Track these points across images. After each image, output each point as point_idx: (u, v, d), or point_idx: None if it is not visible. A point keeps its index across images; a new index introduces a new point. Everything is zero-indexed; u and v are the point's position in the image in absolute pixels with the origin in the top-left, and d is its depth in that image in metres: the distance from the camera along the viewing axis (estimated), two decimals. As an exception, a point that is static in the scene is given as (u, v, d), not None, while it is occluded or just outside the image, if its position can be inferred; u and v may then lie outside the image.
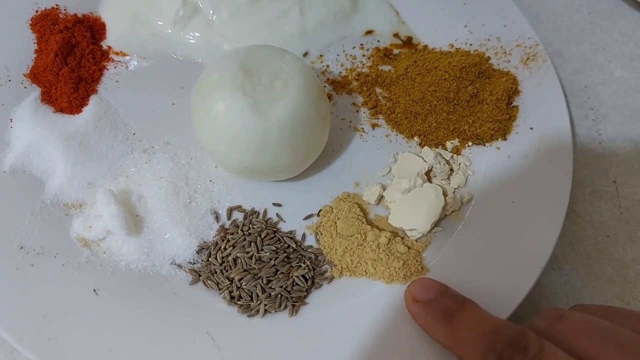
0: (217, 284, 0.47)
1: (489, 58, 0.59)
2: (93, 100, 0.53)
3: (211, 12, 0.58)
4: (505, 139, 0.54)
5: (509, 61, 0.58)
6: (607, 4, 0.69)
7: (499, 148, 0.54)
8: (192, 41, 0.58)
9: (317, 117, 0.48)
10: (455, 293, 0.41)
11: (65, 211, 0.48)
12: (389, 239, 0.48)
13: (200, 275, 0.47)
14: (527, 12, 0.63)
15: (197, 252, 0.48)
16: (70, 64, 0.54)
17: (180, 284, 0.47)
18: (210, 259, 0.48)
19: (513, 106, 0.56)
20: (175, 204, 0.49)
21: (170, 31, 0.57)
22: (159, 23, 0.57)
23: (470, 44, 0.60)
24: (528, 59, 0.58)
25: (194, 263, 0.48)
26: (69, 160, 0.49)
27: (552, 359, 0.33)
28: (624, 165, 0.58)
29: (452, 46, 0.60)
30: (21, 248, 0.45)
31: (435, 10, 0.62)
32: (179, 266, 0.48)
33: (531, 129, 0.54)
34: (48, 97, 0.52)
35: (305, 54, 0.59)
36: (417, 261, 0.48)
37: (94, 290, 0.45)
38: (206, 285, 0.47)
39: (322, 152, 0.53)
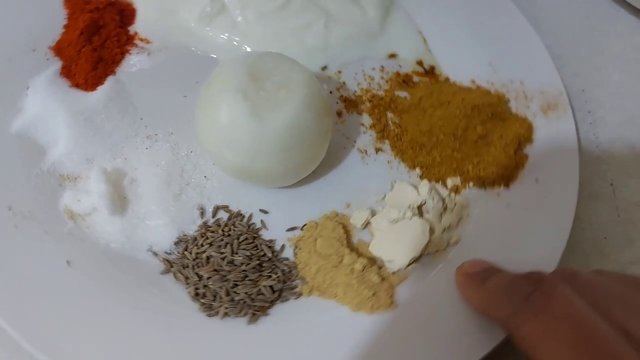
0: (186, 278, 0.47)
1: (508, 100, 0.57)
2: (109, 80, 0.55)
3: (238, 12, 0.58)
4: (508, 187, 0.53)
5: (528, 106, 0.57)
6: (604, 7, 0.70)
7: (499, 195, 0.53)
8: (214, 38, 0.59)
9: (316, 132, 0.48)
10: (494, 267, 0.43)
11: (59, 182, 0.50)
12: (364, 267, 0.48)
13: (172, 267, 0.48)
14: (525, 16, 0.63)
15: (175, 244, 0.49)
16: (94, 43, 0.55)
17: (151, 271, 0.48)
18: (185, 252, 0.48)
19: (523, 154, 0.54)
20: (165, 193, 0.50)
21: (194, 25, 0.58)
22: (186, 16, 0.58)
23: (492, 83, 0.58)
24: (549, 107, 0.56)
25: (170, 254, 0.49)
26: (73, 134, 0.51)
27: (563, 298, 0.33)
28: (622, 168, 0.58)
29: (474, 82, 0.59)
30: (9, 209, 0.47)
31: (462, 43, 0.61)
32: (155, 254, 0.48)
33: (536, 181, 0.53)
34: (67, 72, 0.54)
35: (324, 68, 0.59)
36: (387, 294, 0.47)
37: (67, 262, 0.46)
38: (175, 277, 0.47)
39: (319, 168, 0.53)
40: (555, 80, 0.58)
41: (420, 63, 0.61)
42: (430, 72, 0.60)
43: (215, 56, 0.59)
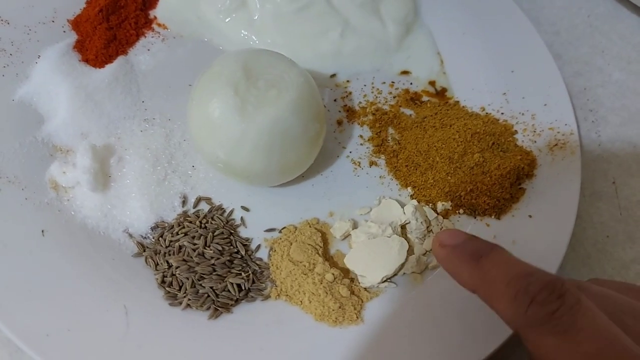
0: (156, 264, 0.47)
1: (515, 132, 0.55)
2: (119, 60, 0.56)
3: (256, 10, 0.59)
4: (499, 219, 0.51)
5: (535, 141, 0.55)
6: (605, 7, 0.70)
7: (488, 225, 0.51)
8: (230, 33, 0.59)
9: (302, 136, 0.47)
10: (484, 240, 0.37)
11: (51, 152, 0.51)
12: (335, 278, 0.47)
13: (144, 251, 0.48)
14: (528, 15, 0.63)
15: (152, 229, 0.49)
16: (111, 22, 0.56)
17: (124, 252, 0.48)
18: (160, 238, 0.48)
19: (520, 188, 0.52)
20: (149, 177, 0.50)
21: (212, 18, 0.59)
22: (206, 8, 0.59)
23: (502, 113, 0.57)
24: (556, 145, 0.54)
25: (145, 238, 0.49)
26: (72, 107, 0.52)
27: (590, 314, 0.31)
28: (623, 167, 0.58)
29: (484, 109, 0.57)
30: (-5, 171, 0.48)
31: (480, 70, 0.59)
32: (130, 235, 0.49)
33: (530, 216, 0.51)
34: (80, 46, 0.55)
35: (333, 75, 0.59)
36: (355, 309, 0.46)
37: (42, 231, 0.46)
38: (146, 262, 0.47)
39: (308, 172, 0.52)
40: (569, 119, 0.55)
41: (432, 83, 0.59)
42: (441, 93, 0.59)
43: (226, 50, 0.59)
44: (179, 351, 0.43)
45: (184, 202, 0.51)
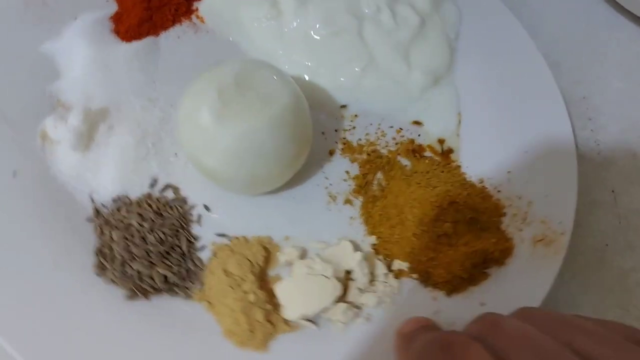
0: (101, 233, 0.49)
1: (503, 214, 0.52)
2: (147, 40, 0.58)
3: (290, 25, 0.59)
4: (449, 296, 0.48)
5: (521, 230, 0.51)
6: (604, 16, 0.70)
7: (435, 299, 0.48)
8: (258, 40, 0.60)
9: (275, 154, 0.47)
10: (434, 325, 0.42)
11: (54, 106, 0.54)
12: (257, 300, 0.46)
13: (97, 217, 0.49)
14: (526, 24, 0.62)
15: (114, 200, 0.51)
16: (152, 3, 0.59)
17: (79, 214, 0.50)
18: (116, 211, 0.50)
19: (484, 272, 0.49)
20: (129, 152, 0.52)
21: (247, 22, 0.60)
22: (244, 12, 0.60)
23: (499, 191, 0.53)
24: (542, 240, 0.50)
25: (105, 207, 0.50)
26: (86, 69, 0.55)
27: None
28: (623, 175, 0.59)
29: (482, 181, 0.54)
30: (-3, 108, 0.52)
31: (493, 141, 0.56)
32: (92, 200, 0.50)
33: (482, 304, 0.47)
34: (116, 18, 0.59)
35: (343, 107, 0.58)
36: (265, 337, 0.45)
37: (14, 172, 0.49)
38: (94, 229, 0.49)
39: (281, 192, 0.53)
40: (567, 219, 0.51)
41: (441, 142, 0.57)
42: (446, 154, 0.56)
43: (249, 55, 0.60)
44: (81, 315, 0.44)
45: (152, 185, 0.52)
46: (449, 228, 0.48)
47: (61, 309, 0.44)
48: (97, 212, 0.50)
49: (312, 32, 0.59)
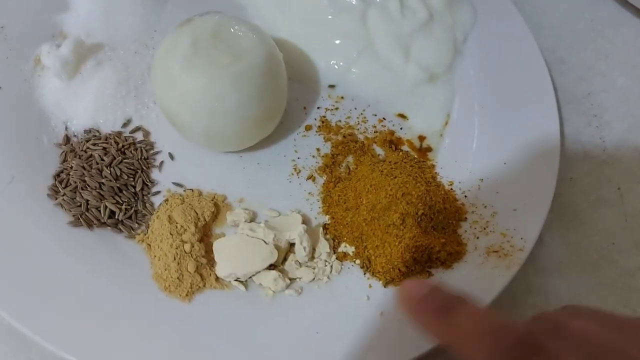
0: (65, 160, 0.50)
1: (464, 219, 0.50)
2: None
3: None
4: (385, 287, 0.47)
5: (478, 237, 0.49)
6: (609, 11, 0.69)
7: (370, 286, 0.47)
8: (263, 8, 0.60)
9: (236, 112, 0.47)
10: (451, 290, 0.36)
11: (55, 35, 0.56)
12: (192, 251, 0.46)
13: (66, 144, 0.51)
14: (530, 19, 0.63)
15: (85, 132, 0.52)
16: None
17: (51, 138, 0.51)
18: (84, 142, 0.51)
19: (428, 271, 0.47)
20: (109, 90, 0.53)
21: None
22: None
23: (466, 196, 0.52)
24: (497, 252, 0.48)
25: (76, 136, 0.52)
26: (93, 7, 0.57)
27: None
28: (628, 173, 0.58)
29: (452, 184, 0.53)
30: (1, 27, 0.54)
31: (475, 147, 0.55)
32: (65, 128, 0.52)
33: (416, 301, 0.46)
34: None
35: (332, 86, 0.58)
36: (191, 288, 0.45)
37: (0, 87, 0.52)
38: (59, 154, 0.51)
39: (248, 155, 0.53)
40: (530, 236, 0.49)
41: (421, 138, 0.56)
42: (424, 151, 0.55)
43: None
44: (22, 230, 0.46)
45: (125, 125, 0.53)
46: (397, 220, 0.47)
47: (5, 221, 0.46)
48: (67, 139, 0.51)
49: (315, 10, 0.59)
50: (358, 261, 0.48)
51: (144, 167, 0.51)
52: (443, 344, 0.34)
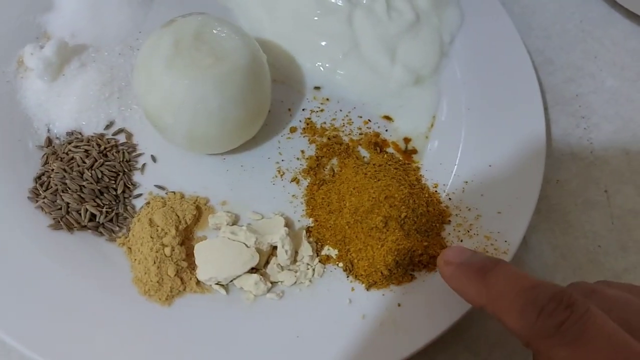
0: (46, 162, 0.50)
1: (447, 222, 0.50)
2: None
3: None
4: (367, 290, 0.46)
5: (462, 240, 0.49)
6: (598, 12, 0.69)
7: (353, 289, 0.47)
8: (249, 8, 0.60)
9: (217, 115, 0.47)
10: (488, 255, 0.40)
11: (39, 36, 0.56)
12: (172, 255, 0.46)
13: (47, 147, 0.51)
14: (519, 19, 0.64)
15: (67, 134, 0.52)
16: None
17: (32, 140, 0.51)
18: (66, 144, 0.51)
19: (410, 274, 0.47)
20: (93, 91, 0.53)
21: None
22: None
23: (450, 199, 0.51)
24: (485, 250, 0.48)
25: (58, 138, 0.52)
26: (78, 7, 0.57)
27: (598, 323, 0.32)
28: (616, 175, 0.58)
29: (436, 186, 0.52)
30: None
31: (461, 149, 0.54)
32: (48, 130, 0.52)
33: (398, 305, 0.46)
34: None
35: (317, 88, 0.57)
36: (170, 292, 0.45)
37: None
38: (41, 157, 0.50)
39: (231, 157, 0.53)
40: (514, 240, 0.48)
41: (407, 140, 0.56)
42: (409, 153, 0.55)
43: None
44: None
45: (107, 127, 0.53)
46: (379, 222, 0.47)
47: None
48: (49, 141, 0.51)
49: (302, 11, 0.58)
50: (341, 264, 0.48)
51: (126, 170, 0.50)
52: (479, 305, 0.37)
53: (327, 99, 0.57)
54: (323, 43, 0.58)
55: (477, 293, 0.37)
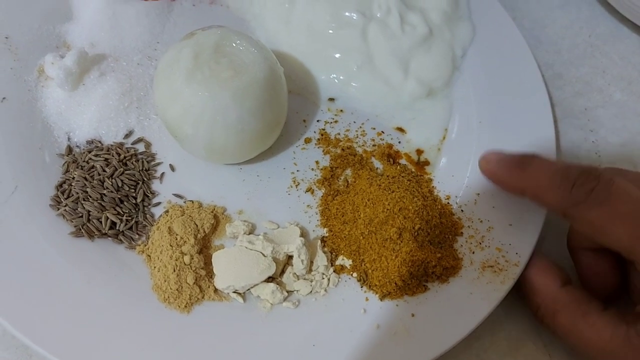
0: (67, 171, 0.51)
1: (460, 234, 0.51)
2: (162, 1, 0.60)
3: (299, 12, 0.60)
4: (381, 300, 0.47)
5: (474, 252, 0.50)
6: (606, 27, 0.71)
7: (367, 299, 0.48)
8: (267, 20, 0.61)
9: (235, 126, 0.48)
10: (522, 152, 0.47)
11: (59, 45, 0.57)
12: (191, 263, 0.47)
13: (68, 155, 0.52)
14: (528, 35, 0.66)
15: (87, 143, 0.53)
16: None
17: (53, 149, 0.52)
18: (86, 152, 0.52)
19: (424, 285, 0.48)
20: (112, 101, 0.54)
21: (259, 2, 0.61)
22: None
23: (462, 210, 0.52)
24: (492, 267, 0.49)
25: (78, 147, 0.53)
26: (95, 17, 0.58)
27: (622, 186, 0.41)
28: None
29: (449, 198, 0.53)
30: (6, 38, 0.55)
31: (472, 163, 0.55)
32: (68, 138, 0.53)
33: (412, 315, 0.46)
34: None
35: (332, 99, 0.58)
36: (190, 300, 0.46)
37: (3, 97, 0.52)
38: (62, 165, 0.51)
39: (247, 166, 0.54)
40: (524, 252, 0.49)
41: (419, 152, 0.57)
42: (421, 165, 0.56)
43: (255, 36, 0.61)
44: (24, 239, 0.47)
45: (127, 136, 0.54)
46: (394, 233, 0.48)
47: (8, 231, 0.47)
48: (70, 149, 0.52)
49: (317, 24, 0.59)
50: (355, 274, 0.49)
51: (145, 179, 0.51)
52: (520, 191, 0.45)
53: (341, 111, 0.58)
54: (337, 55, 0.59)
55: (518, 180, 0.45)
